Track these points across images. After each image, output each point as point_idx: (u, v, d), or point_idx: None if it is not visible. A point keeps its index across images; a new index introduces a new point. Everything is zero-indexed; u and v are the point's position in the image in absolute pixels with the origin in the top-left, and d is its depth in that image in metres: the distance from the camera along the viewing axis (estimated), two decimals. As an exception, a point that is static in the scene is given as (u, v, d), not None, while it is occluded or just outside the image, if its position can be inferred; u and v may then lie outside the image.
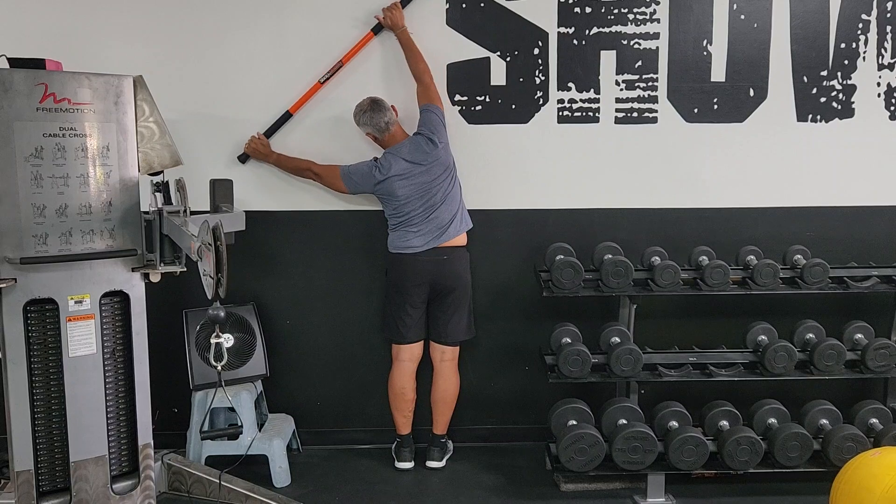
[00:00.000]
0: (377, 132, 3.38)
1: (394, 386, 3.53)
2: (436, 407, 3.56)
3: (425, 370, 3.57)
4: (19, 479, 2.69)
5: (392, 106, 3.40)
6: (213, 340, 2.48)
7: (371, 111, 3.34)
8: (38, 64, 2.62)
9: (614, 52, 3.57)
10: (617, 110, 3.60)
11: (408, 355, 3.50)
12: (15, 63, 2.61)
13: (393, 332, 3.50)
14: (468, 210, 3.51)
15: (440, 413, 3.56)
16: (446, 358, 3.52)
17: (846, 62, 3.62)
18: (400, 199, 3.33)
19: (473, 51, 3.54)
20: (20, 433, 2.67)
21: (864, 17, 3.59)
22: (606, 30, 3.55)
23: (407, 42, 3.44)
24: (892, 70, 3.62)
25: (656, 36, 3.56)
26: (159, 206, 2.84)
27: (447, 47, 3.53)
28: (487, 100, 3.57)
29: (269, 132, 3.52)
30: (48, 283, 2.65)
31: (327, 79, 3.48)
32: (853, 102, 3.64)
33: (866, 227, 3.70)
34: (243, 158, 3.53)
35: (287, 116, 3.51)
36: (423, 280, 3.38)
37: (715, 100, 3.61)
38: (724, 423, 3.26)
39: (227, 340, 2.53)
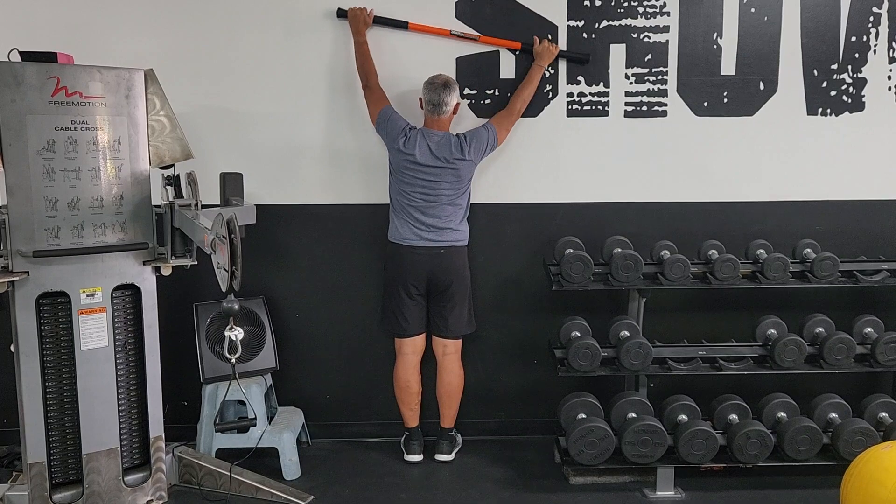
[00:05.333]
0: (427, 106, 3.34)
1: (398, 380, 3.53)
2: (442, 400, 3.57)
3: (431, 364, 3.58)
4: (32, 472, 2.71)
5: (456, 103, 3.36)
6: (227, 333, 2.49)
7: (436, 87, 3.30)
8: (49, 57, 2.63)
9: (624, 45, 3.55)
10: (626, 104, 3.59)
11: (410, 349, 3.50)
12: (27, 56, 2.62)
13: (393, 326, 3.50)
14: (479, 203, 3.52)
15: (446, 406, 3.56)
16: (449, 351, 3.51)
17: (857, 55, 3.60)
18: (404, 179, 3.33)
19: (483, 44, 3.53)
20: (33, 426, 2.70)
21: (874, 10, 3.57)
22: (616, 23, 3.54)
23: (534, 75, 3.45)
24: (902, 63, 3.62)
25: (666, 29, 3.55)
26: (171, 199, 2.85)
27: (457, 40, 3.51)
28: (497, 93, 3.56)
29: (377, 20, 3.44)
30: (60, 277, 2.67)
31: (458, 36, 3.44)
32: (863, 96, 3.62)
33: (876, 220, 3.69)
34: (341, 13, 3.44)
35: (402, 25, 3.45)
36: (420, 274, 3.38)
37: (725, 93, 3.60)
38: (734, 416, 3.26)
39: (238, 334, 2.53)
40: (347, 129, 3.57)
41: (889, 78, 3.61)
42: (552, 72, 3.56)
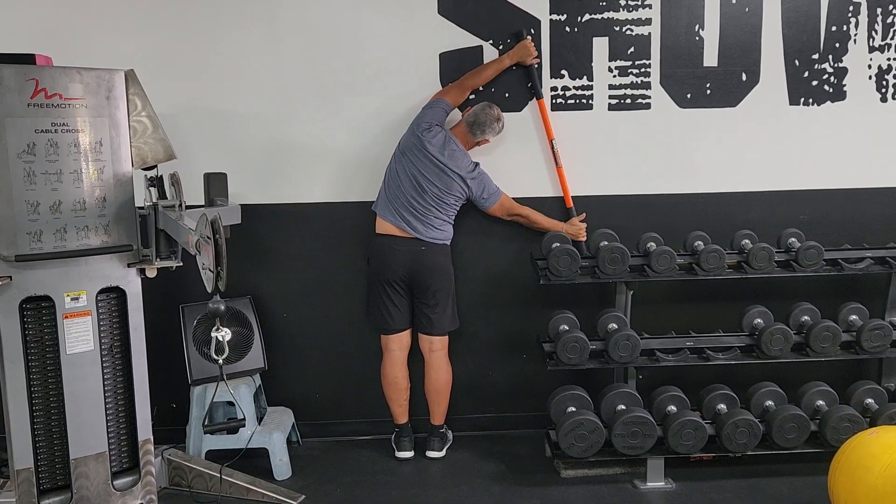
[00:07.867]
0: (468, 119, 3.40)
1: (386, 376, 3.53)
2: (430, 397, 3.57)
3: (419, 360, 3.57)
4: (19, 478, 2.68)
5: (487, 139, 3.44)
6: (213, 334, 2.47)
7: (492, 116, 3.38)
8: (28, 59, 2.59)
9: (607, 38, 3.56)
10: (610, 97, 3.60)
11: (397, 344, 3.50)
12: (4, 58, 2.58)
13: (379, 322, 3.50)
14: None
15: (436, 403, 3.56)
16: (435, 348, 3.51)
17: (837, 45, 3.62)
18: (403, 162, 3.34)
19: (466, 39, 3.53)
20: (19, 431, 2.66)
21: (854, -1, 3.61)
22: (598, 16, 3.55)
23: (556, 226, 3.55)
24: (882, 52, 3.63)
25: (648, 22, 3.56)
26: (154, 200, 2.82)
27: (439, 36, 3.51)
28: (481, 89, 3.55)
29: (525, 67, 3.51)
30: (44, 281, 2.63)
31: (552, 148, 3.55)
32: (845, 85, 3.65)
33: (859, 209, 3.72)
34: (519, 36, 3.49)
35: (538, 93, 3.53)
36: (403, 270, 3.39)
37: (708, 85, 3.61)
38: (722, 406, 3.28)
39: (225, 334, 2.51)
40: (333, 128, 3.55)
41: (869, 66, 3.64)
42: (535, 66, 3.55)
